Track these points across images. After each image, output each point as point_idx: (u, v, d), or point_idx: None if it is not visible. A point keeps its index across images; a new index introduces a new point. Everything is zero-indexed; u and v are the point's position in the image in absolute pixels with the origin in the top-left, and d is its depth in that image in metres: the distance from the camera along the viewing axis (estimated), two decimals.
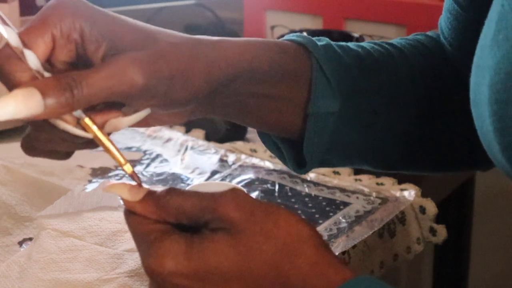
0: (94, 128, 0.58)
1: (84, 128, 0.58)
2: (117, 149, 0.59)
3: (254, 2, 1.37)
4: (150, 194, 0.58)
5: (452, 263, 1.43)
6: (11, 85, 0.56)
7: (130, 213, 0.58)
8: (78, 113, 0.57)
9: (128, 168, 0.60)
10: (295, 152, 0.72)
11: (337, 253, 0.82)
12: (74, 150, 0.62)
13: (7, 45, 0.56)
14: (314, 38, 0.70)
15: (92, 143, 0.60)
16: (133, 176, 0.60)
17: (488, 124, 0.55)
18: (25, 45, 0.56)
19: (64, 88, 0.55)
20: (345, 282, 0.55)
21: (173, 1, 1.54)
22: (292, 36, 0.70)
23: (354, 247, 0.84)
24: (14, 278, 0.72)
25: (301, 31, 1.24)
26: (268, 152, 1.05)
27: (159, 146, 1.07)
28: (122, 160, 0.59)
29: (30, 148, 0.61)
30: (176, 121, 0.66)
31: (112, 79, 0.56)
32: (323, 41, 0.70)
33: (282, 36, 1.20)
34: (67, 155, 0.62)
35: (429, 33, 0.79)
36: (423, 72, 0.74)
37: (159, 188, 0.59)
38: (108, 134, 0.59)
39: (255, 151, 1.06)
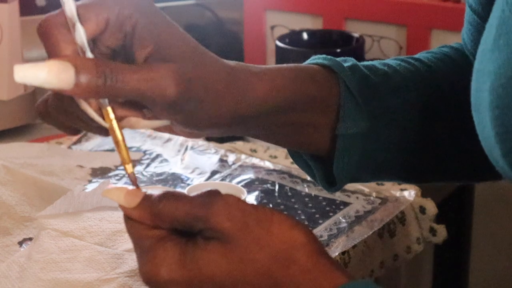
0: (113, 119, 0.58)
1: (103, 116, 0.58)
2: (126, 147, 0.60)
3: (254, 2, 1.37)
4: (146, 199, 0.58)
5: (452, 263, 1.43)
6: (53, 53, 0.57)
7: (127, 218, 0.59)
8: (103, 100, 0.58)
9: (129, 168, 0.60)
10: (326, 170, 0.71)
11: (337, 253, 0.82)
12: (86, 131, 0.62)
13: (62, 12, 0.57)
14: (339, 59, 0.70)
15: (104, 132, 0.60)
16: (131, 177, 0.60)
17: (490, 129, 0.55)
18: (79, 18, 0.56)
19: (99, 75, 0.55)
20: (341, 285, 0.55)
21: (173, 1, 1.54)
22: (318, 60, 0.70)
23: (354, 247, 0.84)
24: (14, 278, 0.72)
25: (301, 31, 1.24)
26: (268, 152, 1.05)
27: (159, 146, 1.07)
28: (126, 158, 0.60)
29: (45, 113, 0.61)
30: (194, 137, 0.66)
31: (146, 83, 0.56)
32: (349, 61, 0.70)
33: (282, 36, 1.20)
34: (76, 131, 0.63)
35: (454, 44, 0.78)
36: (451, 85, 0.73)
37: (156, 191, 0.59)
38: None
39: (255, 151, 1.06)
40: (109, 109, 0.58)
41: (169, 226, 0.58)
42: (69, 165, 0.97)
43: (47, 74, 0.54)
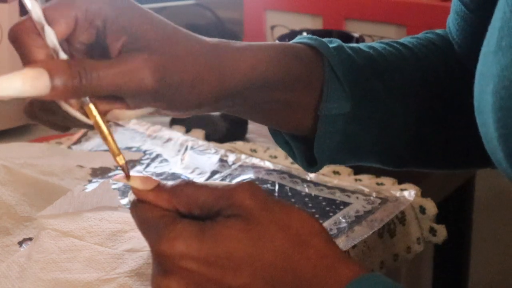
0: (96, 115, 0.58)
1: (86, 113, 0.58)
2: (114, 140, 0.60)
3: (254, 2, 1.37)
4: (161, 185, 0.58)
5: (452, 263, 1.43)
6: (26, 59, 0.57)
7: (138, 202, 0.58)
8: (84, 98, 0.58)
9: (120, 159, 0.60)
10: (306, 150, 0.72)
11: None
12: (75, 127, 0.63)
13: (30, 18, 0.56)
14: (325, 40, 0.70)
15: (91, 127, 0.60)
16: (124, 168, 0.60)
17: (493, 131, 0.55)
18: (47, 21, 0.56)
19: (74, 75, 0.55)
20: (359, 276, 0.55)
21: (173, 1, 1.54)
22: (303, 39, 0.70)
23: (354, 247, 0.84)
24: (14, 278, 0.72)
25: (301, 31, 1.24)
26: (268, 152, 1.05)
27: (159, 146, 1.07)
28: (116, 151, 0.60)
29: (32, 114, 0.61)
30: (182, 116, 0.66)
31: (122, 77, 0.56)
32: (334, 43, 0.70)
33: (282, 36, 1.20)
34: (65, 128, 0.63)
35: (439, 31, 0.79)
36: (435, 71, 0.74)
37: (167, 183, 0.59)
38: (108, 122, 0.60)
39: (255, 151, 1.05)
40: (91, 106, 0.58)
41: (186, 208, 0.57)
42: (69, 165, 0.97)
43: (22, 84, 0.54)
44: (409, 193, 0.93)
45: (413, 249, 0.93)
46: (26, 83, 0.54)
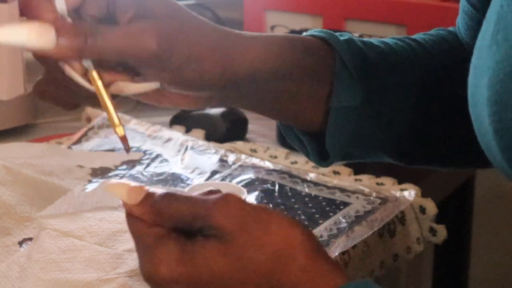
0: (98, 81, 0.59)
1: (90, 80, 0.58)
2: (115, 110, 0.60)
3: (254, 2, 1.37)
4: (148, 197, 0.59)
5: (452, 263, 1.43)
6: (34, 19, 0.58)
7: (129, 214, 0.59)
8: (88, 63, 0.58)
9: (120, 130, 0.60)
10: (318, 145, 0.71)
11: (337, 253, 0.82)
12: (80, 103, 0.63)
13: None
14: (336, 33, 0.70)
15: (95, 102, 0.60)
16: (123, 140, 0.60)
17: (487, 125, 0.55)
18: None
19: (79, 34, 0.56)
20: (343, 285, 0.55)
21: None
22: (314, 32, 0.70)
23: (354, 247, 0.84)
24: (14, 278, 0.72)
25: (301, 31, 1.24)
26: (268, 152, 1.05)
27: (159, 146, 1.07)
28: (116, 121, 0.60)
29: (42, 92, 0.62)
30: (189, 105, 0.66)
31: (127, 38, 0.57)
32: (345, 36, 0.70)
33: None
34: (74, 106, 0.64)
35: (451, 28, 0.78)
36: (446, 68, 0.73)
37: (158, 190, 0.59)
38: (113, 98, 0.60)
39: (255, 151, 1.05)
40: (94, 72, 0.59)
41: (169, 224, 0.58)
42: (69, 165, 0.97)
43: (27, 34, 0.55)
44: (409, 193, 0.93)
45: (413, 249, 0.93)
46: (31, 33, 0.55)
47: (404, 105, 0.71)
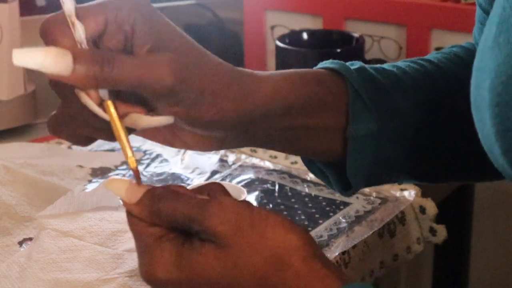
0: (113, 111, 0.59)
1: (105, 110, 0.59)
2: (128, 141, 0.60)
3: (254, 2, 1.37)
4: (147, 196, 0.59)
5: (452, 263, 1.43)
6: (52, 45, 0.58)
7: (130, 213, 0.60)
8: (104, 93, 0.58)
9: (132, 162, 0.60)
10: (340, 175, 0.71)
11: (337, 253, 0.82)
12: (94, 136, 0.63)
13: (62, 13, 0.58)
14: (347, 63, 0.70)
15: (109, 134, 0.60)
16: (135, 172, 0.60)
17: (489, 127, 0.55)
18: (78, 17, 0.57)
19: (96, 61, 0.56)
20: None
21: (173, 1, 1.54)
22: (325, 64, 0.70)
23: (354, 247, 0.84)
24: (14, 278, 0.72)
25: (301, 31, 1.24)
26: (268, 152, 1.05)
27: (159, 146, 1.07)
28: (129, 153, 0.60)
29: (55, 126, 0.62)
30: (202, 147, 0.65)
31: (143, 68, 0.57)
32: (356, 64, 0.70)
33: (282, 36, 1.20)
34: (87, 140, 0.63)
35: (464, 44, 0.78)
36: (461, 85, 0.73)
37: (159, 187, 0.59)
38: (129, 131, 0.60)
39: (255, 151, 1.06)
40: (109, 102, 0.59)
41: (167, 225, 0.58)
42: (69, 165, 0.97)
43: (44, 58, 0.55)
44: (409, 193, 0.93)
45: (413, 249, 0.93)
46: (48, 57, 0.55)
47: (421, 126, 0.71)
